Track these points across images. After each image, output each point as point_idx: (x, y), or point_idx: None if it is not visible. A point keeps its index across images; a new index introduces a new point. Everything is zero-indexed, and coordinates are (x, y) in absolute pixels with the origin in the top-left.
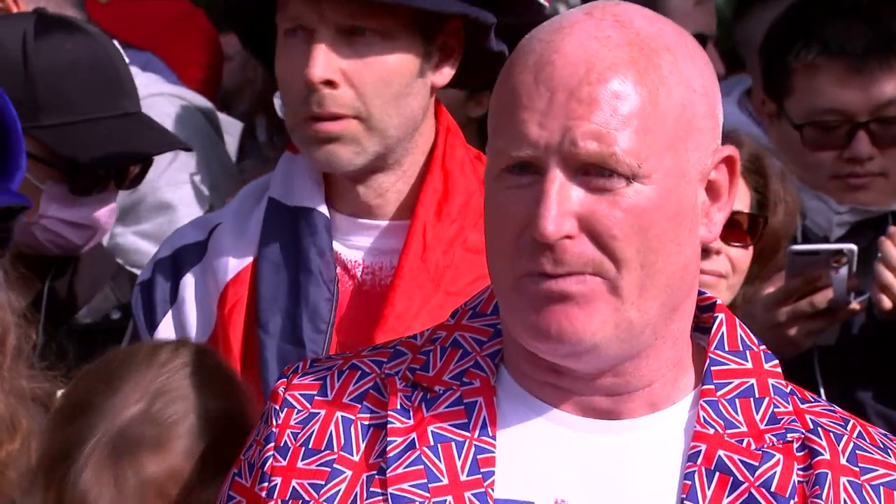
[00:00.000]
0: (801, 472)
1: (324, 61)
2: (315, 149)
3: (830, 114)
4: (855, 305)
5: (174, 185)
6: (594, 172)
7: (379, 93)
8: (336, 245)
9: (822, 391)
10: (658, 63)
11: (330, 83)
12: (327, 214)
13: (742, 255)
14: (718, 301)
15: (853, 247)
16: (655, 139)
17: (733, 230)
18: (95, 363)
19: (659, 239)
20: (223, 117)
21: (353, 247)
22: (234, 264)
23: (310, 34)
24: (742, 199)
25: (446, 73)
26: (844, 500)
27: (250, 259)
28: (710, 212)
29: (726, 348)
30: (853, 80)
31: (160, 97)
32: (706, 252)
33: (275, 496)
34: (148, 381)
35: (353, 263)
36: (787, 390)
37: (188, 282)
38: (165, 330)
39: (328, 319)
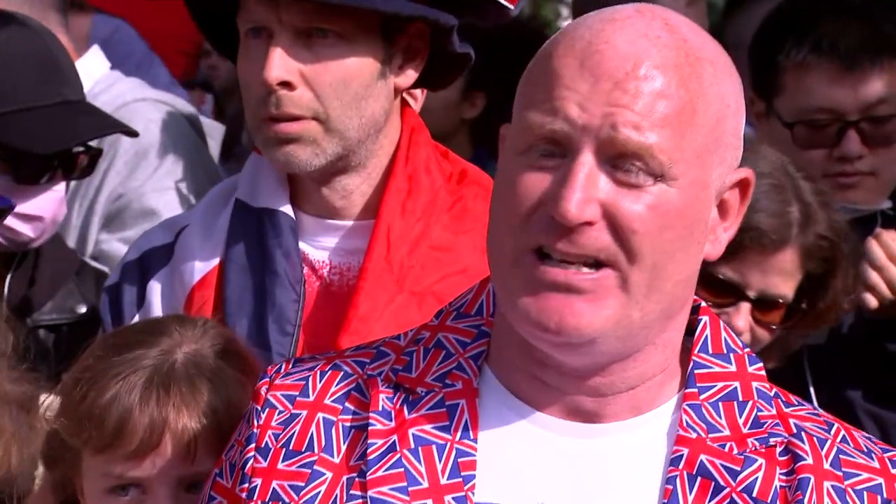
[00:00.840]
0: (783, 477)
1: (280, 63)
2: (274, 150)
3: (821, 112)
4: (845, 305)
5: (159, 191)
6: (623, 166)
7: (338, 94)
8: (303, 245)
9: (811, 390)
10: (700, 73)
11: (287, 84)
12: (292, 215)
13: (766, 335)
14: (703, 303)
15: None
16: (688, 145)
17: (768, 312)
18: (130, 326)
19: (673, 243)
20: (205, 121)
21: (321, 247)
22: (201, 267)
23: (269, 35)
24: (790, 283)
25: (410, 75)
26: None
27: (216, 261)
28: (717, 230)
29: (710, 351)
30: (844, 78)
31: (144, 102)
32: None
33: (255, 497)
34: (195, 332)
35: (320, 263)
36: (772, 394)
37: (155, 286)
38: None
39: (294, 321)
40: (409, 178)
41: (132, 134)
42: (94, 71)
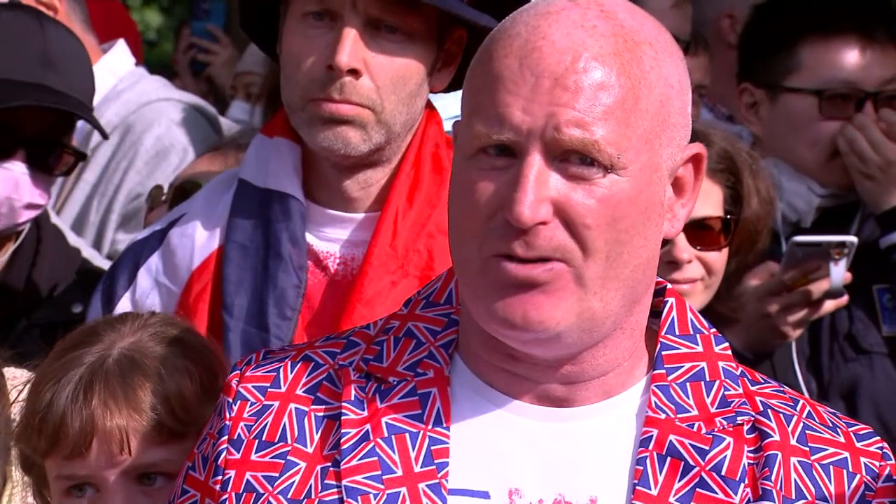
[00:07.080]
0: (751, 455)
1: (352, 49)
2: (323, 128)
3: (843, 85)
4: (845, 299)
5: None
6: (573, 160)
7: (395, 90)
8: (308, 237)
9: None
10: (640, 57)
11: (354, 72)
12: (303, 202)
13: (717, 257)
14: (668, 285)
15: (854, 239)
16: (634, 132)
17: (705, 234)
18: (69, 334)
19: (628, 231)
20: (224, 121)
21: (327, 239)
22: (201, 251)
23: (334, 19)
24: (712, 201)
25: (444, 79)
26: (795, 480)
27: (217, 245)
28: (675, 207)
29: (677, 332)
30: (864, 52)
31: (168, 102)
32: (677, 264)
33: (228, 489)
34: (135, 325)
35: (325, 255)
36: (738, 373)
37: (144, 271)
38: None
39: (295, 307)
40: (417, 168)
41: (102, 134)
42: (118, 68)
